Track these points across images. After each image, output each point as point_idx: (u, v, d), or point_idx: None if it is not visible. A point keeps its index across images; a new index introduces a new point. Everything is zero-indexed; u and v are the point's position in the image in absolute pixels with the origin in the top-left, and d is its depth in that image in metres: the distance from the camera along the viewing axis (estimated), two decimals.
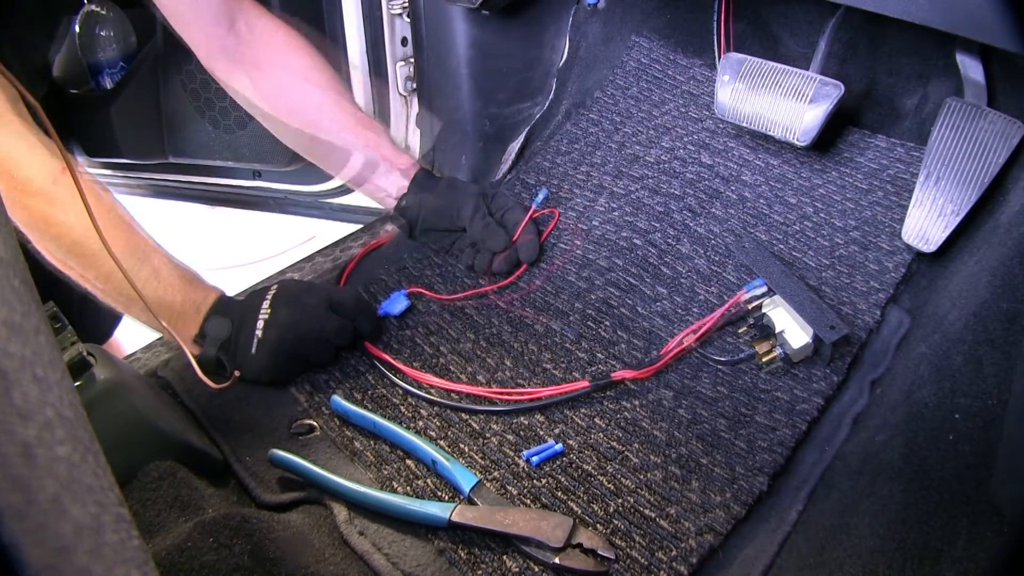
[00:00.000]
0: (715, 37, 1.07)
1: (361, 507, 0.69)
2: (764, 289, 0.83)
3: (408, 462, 0.74)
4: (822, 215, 0.94)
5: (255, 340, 0.79)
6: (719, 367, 0.81)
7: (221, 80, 0.97)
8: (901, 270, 0.86)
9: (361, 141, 0.97)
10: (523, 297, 0.92)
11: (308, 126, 0.96)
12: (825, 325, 0.76)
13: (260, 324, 0.79)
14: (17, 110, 0.75)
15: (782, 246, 0.92)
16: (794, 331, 0.78)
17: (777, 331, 0.80)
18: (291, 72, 0.95)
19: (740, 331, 0.83)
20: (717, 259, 0.92)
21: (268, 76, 0.94)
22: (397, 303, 0.90)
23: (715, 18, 1.07)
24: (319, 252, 1.09)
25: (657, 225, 0.98)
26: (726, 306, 0.83)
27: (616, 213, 1.01)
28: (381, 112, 1.22)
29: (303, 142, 1.00)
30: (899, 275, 0.86)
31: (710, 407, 0.77)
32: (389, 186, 0.99)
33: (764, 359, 0.79)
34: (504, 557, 0.65)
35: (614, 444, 0.74)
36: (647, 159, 1.06)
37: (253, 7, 0.94)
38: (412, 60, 1.21)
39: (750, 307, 0.83)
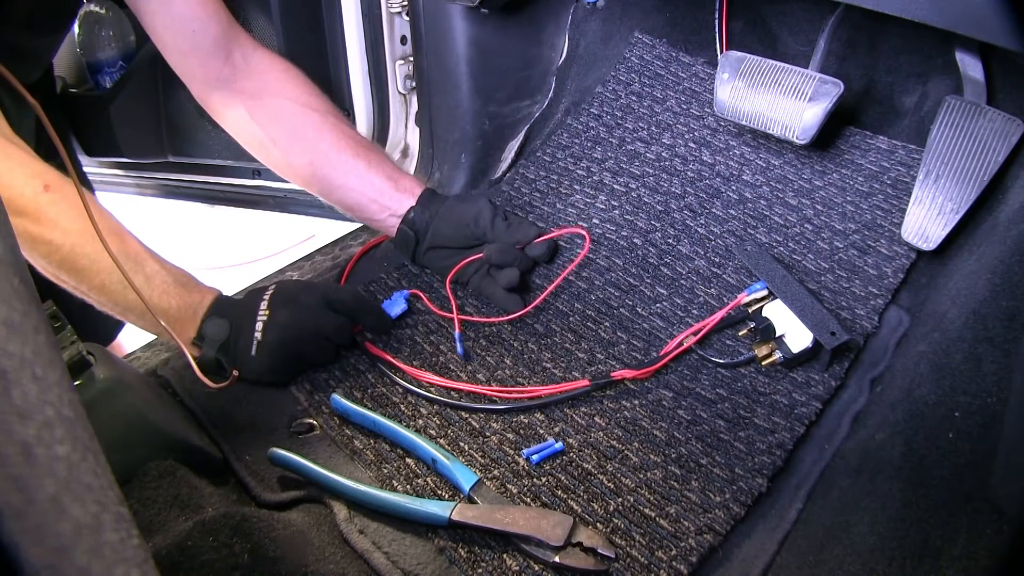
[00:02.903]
0: (716, 35, 1.07)
1: (361, 506, 0.69)
2: (765, 292, 0.82)
3: (408, 461, 0.74)
4: (823, 218, 0.93)
5: (254, 342, 0.79)
6: (718, 369, 0.81)
7: (215, 111, 0.95)
8: (900, 275, 0.86)
9: (363, 161, 0.93)
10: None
11: (307, 151, 0.93)
12: (826, 331, 0.76)
13: (259, 326, 0.79)
14: None
15: (782, 248, 0.92)
16: (794, 335, 0.78)
17: (778, 335, 0.80)
18: (288, 99, 0.93)
19: (740, 333, 0.83)
20: (717, 260, 0.92)
21: (264, 103, 0.92)
22: (396, 304, 0.90)
23: (716, 16, 1.07)
24: (319, 251, 1.09)
25: (657, 224, 0.98)
26: (727, 308, 0.83)
27: (616, 212, 1.01)
28: (380, 110, 1.22)
29: (301, 172, 0.96)
30: (897, 280, 0.86)
31: (709, 408, 0.77)
32: (395, 205, 0.94)
33: (764, 362, 0.79)
34: (504, 556, 0.65)
35: (614, 443, 0.75)
36: (647, 156, 1.06)
37: (248, 40, 0.93)
38: (411, 58, 1.21)
39: (750, 310, 0.83)
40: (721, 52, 1.04)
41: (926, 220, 0.85)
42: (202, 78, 0.93)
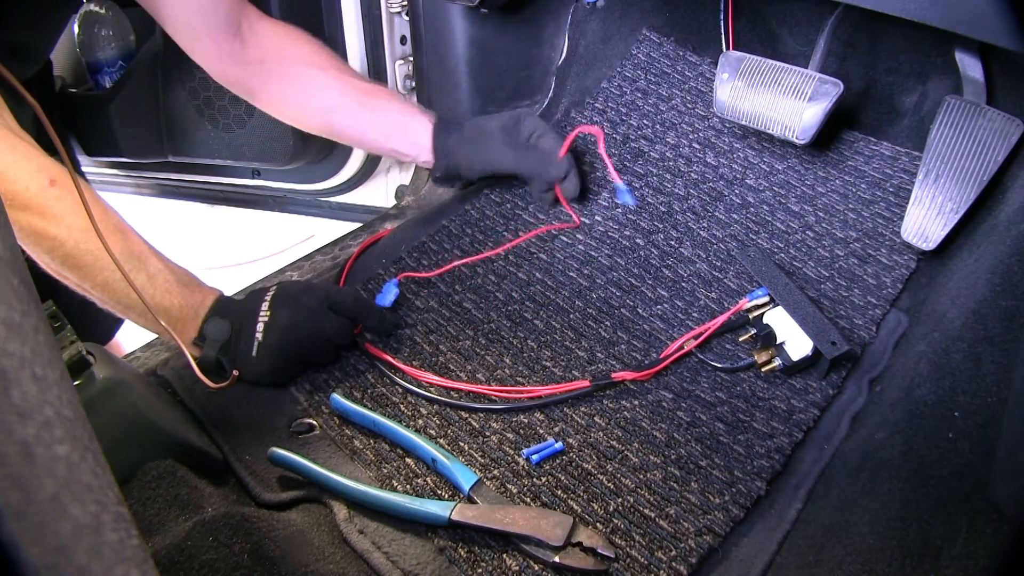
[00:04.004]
0: (723, 34, 1.07)
1: (361, 506, 0.69)
2: (766, 299, 0.82)
3: (408, 460, 0.74)
4: (824, 225, 0.93)
5: (255, 343, 0.78)
6: (718, 373, 0.81)
7: (235, 86, 0.99)
8: (899, 286, 0.86)
9: (368, 112, 0.98)
10: (522, 290, 0.92)
11: (318, 110, 0.98)
12: (827, 341, 0.76)
13: (260, 327, 0.79)
14: (4, 120, 0.73)
15: (783, 255, 0.92)
16: (794, 343, 0.78)
17: (778, 342, 0.79)
18: (293, 61, 0.97)
19: (741, 339, 0.83)
20: (719, 264, 0.92)
21: (273, 70, 0.96)
22: (388, 294, 0.90)
23: (722, 15, 1.07)
24: (318, 251, 1.09)
25: (660, 225, 0.98)
26: (728, 313, 0.83)
27: (619, 210, 1.01)
28: None
29: (321, 128, 1.01)
30: (896, 291, 0.86)
31: (709, 411, 0.77)
32: (419, 145, 1.00)
33: (763, 368, 0.79)
34: (504, 555, 0.65)
35: (614, 443, 0.75)
36: (652, 155, 1.06)
37: (253, 11, 0.96)
38: (411, 59, 1.21)
39: (751, 316, 0.83)
40: (727, 51, 1.05)
41: (926, 220, 0.85)
42: (216, 56, 0.95)
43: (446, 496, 0.70)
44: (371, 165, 1.28)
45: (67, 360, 0.62)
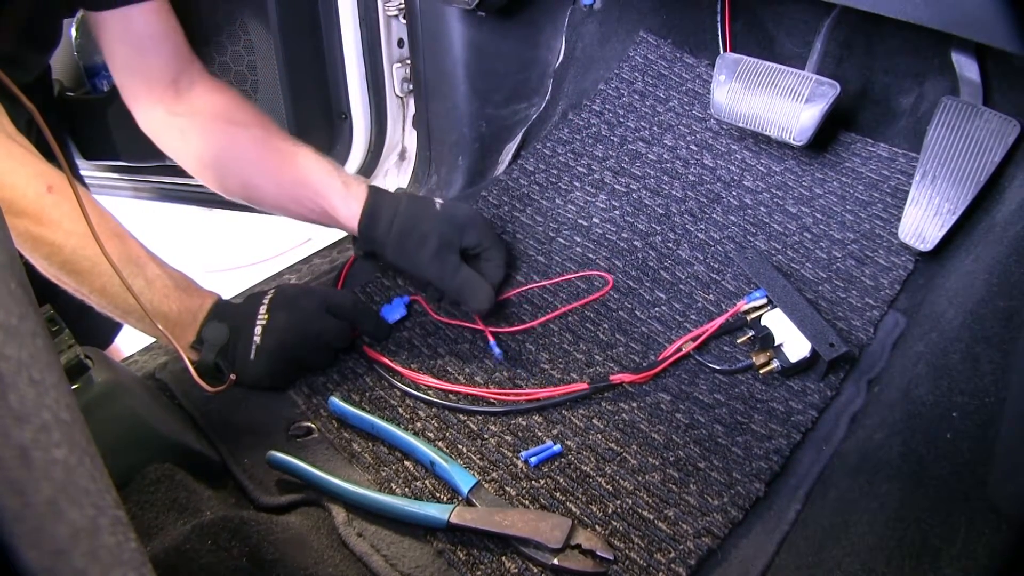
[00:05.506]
0: (719, 36, 1.07)
1: (360, 509, 0.69)
2: (764, 301, 0.83)
3: (406, 463, 0.74)
4: (821, 226, 0.94)
5: (254, 346, 0.78)
6: (716, 375, 0.81)
7: (154, 134, 0.93)
8: (896, 287, 0.86)
9: (288, 179, 0.89)
10: (520, 294, 0.92)
11: (238, 176, 0.92)
12: (825, 342, 0.76)
13: (258, 330, 0.79)
14: (1, 125, 0.73)
15: (781, 256, 0.92)
16: (792, 344, 0.78)
17: (776, 343, 0.80)
18: (215, 119, 0.91)
19: (739, 341, 0.83)
20: (716, 266, 0.92)
21: (194, 123, 0.91)
22: (396, 310, 0.90)
23: (719, 17, 1.07)
24: (316, 254, 1.09)
25: (657, 228, 0.98)
26: (727, 315, 0.83)
27: (616, 212, 1.01)
28: (378, 114, 1.22)
29: (236, 193, 0.93)
30: (894, 292, 0.86)
31: (707, 413, 0.77)
32: (346, 215, 0.89)
33: (761, 370, 0.79)
34: (503, 558, 0.65)
35: (612, 445, 0.74)
36: (649, 156, 1.06)
37: (198, 68, 0.93)
38: (408, 61, 1.21)
39: (749, 317, 0.83)
40: (724, 53, 1.05)
41: (923, 221, 0.85)
42: (145, 99, 0.91)
43: (445, 499, 0.70)
44: (369, 168, 1.28)
45: (65, 364, 0.62)
